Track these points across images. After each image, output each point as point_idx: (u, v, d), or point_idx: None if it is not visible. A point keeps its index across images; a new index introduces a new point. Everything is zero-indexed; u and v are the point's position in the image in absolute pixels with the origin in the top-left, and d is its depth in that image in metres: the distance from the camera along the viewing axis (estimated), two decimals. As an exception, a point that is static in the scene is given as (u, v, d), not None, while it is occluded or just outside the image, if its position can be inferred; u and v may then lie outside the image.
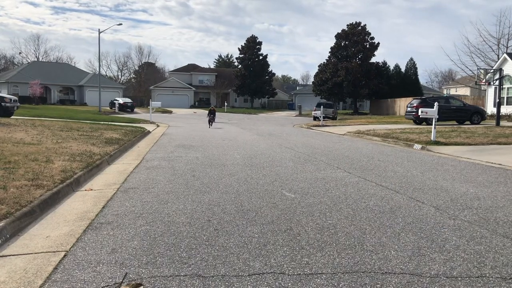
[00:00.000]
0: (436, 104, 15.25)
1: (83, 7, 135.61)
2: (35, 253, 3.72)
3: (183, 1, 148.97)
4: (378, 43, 49.61)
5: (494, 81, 25.25)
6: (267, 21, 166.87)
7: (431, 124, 14.92)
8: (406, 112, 26.00)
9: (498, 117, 21.39)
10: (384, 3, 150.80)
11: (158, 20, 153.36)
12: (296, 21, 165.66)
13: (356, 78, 46.74)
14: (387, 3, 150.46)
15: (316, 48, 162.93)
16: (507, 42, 39.59)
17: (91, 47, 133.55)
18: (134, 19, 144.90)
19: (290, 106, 67.38)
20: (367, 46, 49.26)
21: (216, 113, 31.87)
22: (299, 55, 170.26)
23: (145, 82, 77.30)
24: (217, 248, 3.82)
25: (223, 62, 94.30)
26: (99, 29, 40.54)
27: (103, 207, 5.26)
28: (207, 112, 30.60)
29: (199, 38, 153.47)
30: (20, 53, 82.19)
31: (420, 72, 63.13)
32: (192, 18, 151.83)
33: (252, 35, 67.05)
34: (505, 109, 27.47)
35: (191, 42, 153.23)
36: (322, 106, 29.94)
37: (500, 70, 23.56)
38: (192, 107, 64.89)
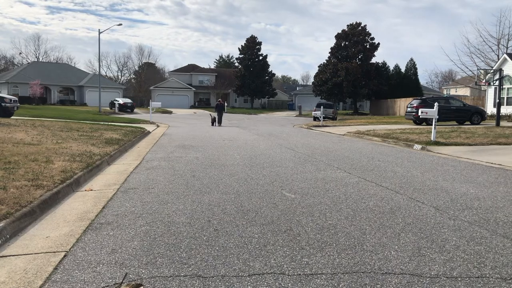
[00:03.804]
0: (436, 104, 15.24)
1: (78, 7, 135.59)
2: (35, 253, 3.72)
3: (178, 1, 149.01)
4: (379, 44, 49.69)
5: (494, 82, 25.23)
6: (264, 20, 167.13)
7: (431, 125, 14.93)
8: (406, 112, 26.01)
9: (498, 117, 21.39)
10: (380, 3, 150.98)
11: (154, 19, 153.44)
12: (292, 21, 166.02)
13: (356, 79, 46.76)
14: (383, 2, 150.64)
15: (314, 48, 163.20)
16: (507, 43, 39.59)
17: (88, 47, 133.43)
18: (130, 18, 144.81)
19: (290, 107, 67.38)
20: (367, 46, 49.30)
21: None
22: (297, 55, 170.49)
23: (145, 82, 77.27)
24: (217, 248, 3.82)
25: (224, 62, 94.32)
26: (99, 30, 40.52)
27: (103, 208, 5.26)
28: (209, 113, 28.89)
29: (195, 38, 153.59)
30: (20, 53, 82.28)
31: (420, 72, 63.26)
32: (188, 18, 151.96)
33: (252, 35, 67.15)
34: (505, 109, 27.47)
35: (188, 42, 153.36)
36: (322, 107, 29.95)
37: (500, 70, 23.53)
38: (192, 107, 64.92)
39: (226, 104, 33.82)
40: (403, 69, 51.01)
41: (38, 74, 56.79)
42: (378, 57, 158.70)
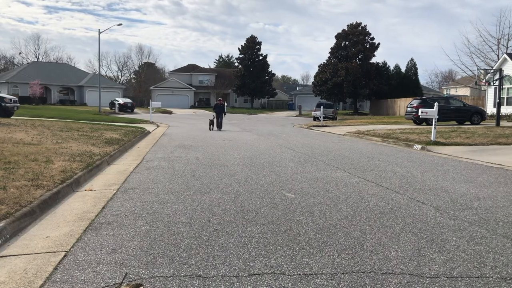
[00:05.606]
0: (436, 104, 15.24)
1: (75, 6, 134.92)
2: (35, 253, 3.72)
3: (176, 0, 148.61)
4: (379, 44, 49.65)
5: (494, 82, 25.22)
6: (262, 20, 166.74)
7: (431, 125, 14.93)
8: (406, 112, 26.00)
9: (498, 117, 21.38)
10: (379, 2, 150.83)
11: (152, 19, 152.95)
12: (291, 21, 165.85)
13: (356, 78, 46.75)
14: (382, 2, 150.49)
15: (313, 48, 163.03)
16: (507, 42, 39.57)
17: (87, 47, 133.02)
18: (128, 18, 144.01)
19: (290, 107, 67.38)
20: (367, 46, 49.27)
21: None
22: (296, 55, 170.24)
23: (145, 82, 77.27)
24: (217, 248, 3.82)
25: (223, 62, 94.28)
26: (99, 30, 40.48)
27: (103, 208, 5.26)
28: (210, 113, 27.86)
29: (194, 37, 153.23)
30: (20, 53, 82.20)
31: (420, 72, 63.11)
32: (186, 18, 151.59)
33: (252, 35, 67.14)
34: (505, 109, 27.46)
35: (187, 41, 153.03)
36: (322, 107, 29.95)
37: (500, 70, 23.53)
38: (192, 107, 64.91)
39: (226, 104, 29.54)
40: (403, 69, 51.02)
41: (38, 74, 56.76)
42: (378, 57, 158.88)
